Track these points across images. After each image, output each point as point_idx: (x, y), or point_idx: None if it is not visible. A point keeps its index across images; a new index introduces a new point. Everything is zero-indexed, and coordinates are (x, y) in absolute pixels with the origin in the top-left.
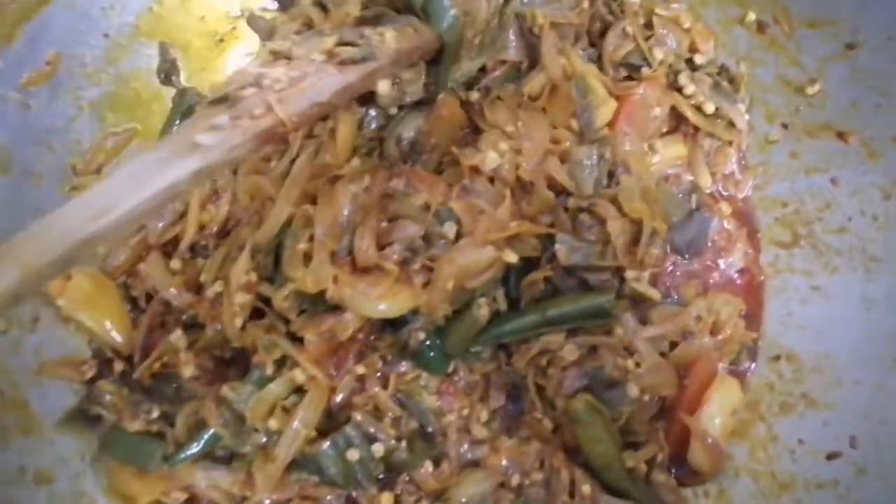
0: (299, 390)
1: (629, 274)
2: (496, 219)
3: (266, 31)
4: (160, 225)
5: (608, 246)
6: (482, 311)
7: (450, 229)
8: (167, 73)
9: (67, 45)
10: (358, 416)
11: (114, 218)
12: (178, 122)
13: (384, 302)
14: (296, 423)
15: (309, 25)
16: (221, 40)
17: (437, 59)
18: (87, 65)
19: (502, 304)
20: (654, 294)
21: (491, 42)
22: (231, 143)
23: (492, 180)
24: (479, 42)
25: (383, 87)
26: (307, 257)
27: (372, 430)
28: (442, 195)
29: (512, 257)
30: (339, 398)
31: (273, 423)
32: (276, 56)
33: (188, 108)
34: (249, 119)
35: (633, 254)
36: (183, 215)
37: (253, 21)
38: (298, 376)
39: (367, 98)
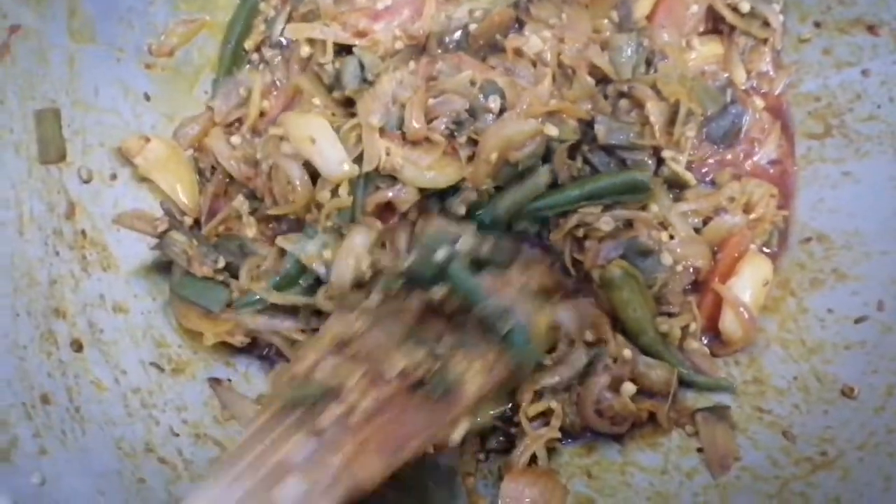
0: None
1: (667, 153)
2: (538, 94)
3: None
4: (224, 108)
5: (646, 127)
6: (542, 178)
7: (494, 103)
8: None
9: None
10: None
11: None
12: (242, 21)
13: (433, 171)
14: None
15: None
16: None
17: None
18: None
19: (545, 178)
20: (690, 177)
21: None
22: None
23: (534, 64)
24: None
25: (458, 435)
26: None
27: None
28: (487, 73)
29: (553, 130)
30: None
31: (327, 254)
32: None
33: (254, 5)
34: (333, 455)
35: (669, 134)
36: (247, 100)
37: None
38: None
39: None
